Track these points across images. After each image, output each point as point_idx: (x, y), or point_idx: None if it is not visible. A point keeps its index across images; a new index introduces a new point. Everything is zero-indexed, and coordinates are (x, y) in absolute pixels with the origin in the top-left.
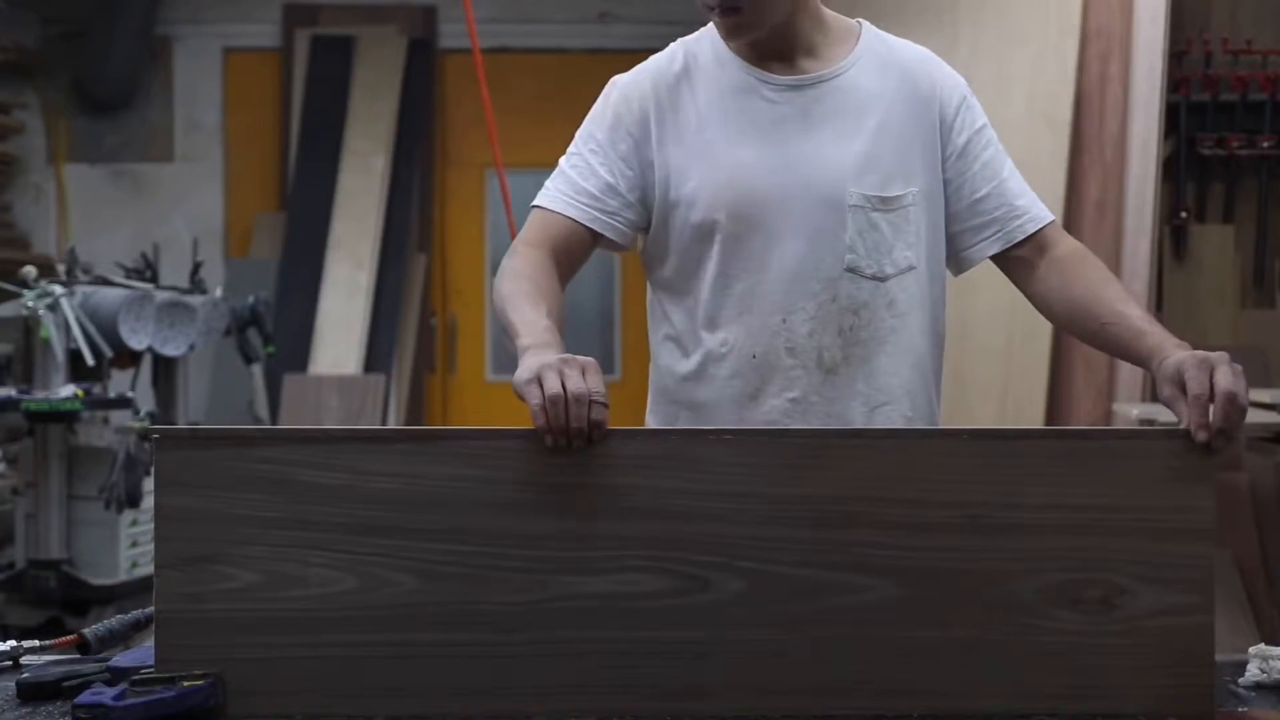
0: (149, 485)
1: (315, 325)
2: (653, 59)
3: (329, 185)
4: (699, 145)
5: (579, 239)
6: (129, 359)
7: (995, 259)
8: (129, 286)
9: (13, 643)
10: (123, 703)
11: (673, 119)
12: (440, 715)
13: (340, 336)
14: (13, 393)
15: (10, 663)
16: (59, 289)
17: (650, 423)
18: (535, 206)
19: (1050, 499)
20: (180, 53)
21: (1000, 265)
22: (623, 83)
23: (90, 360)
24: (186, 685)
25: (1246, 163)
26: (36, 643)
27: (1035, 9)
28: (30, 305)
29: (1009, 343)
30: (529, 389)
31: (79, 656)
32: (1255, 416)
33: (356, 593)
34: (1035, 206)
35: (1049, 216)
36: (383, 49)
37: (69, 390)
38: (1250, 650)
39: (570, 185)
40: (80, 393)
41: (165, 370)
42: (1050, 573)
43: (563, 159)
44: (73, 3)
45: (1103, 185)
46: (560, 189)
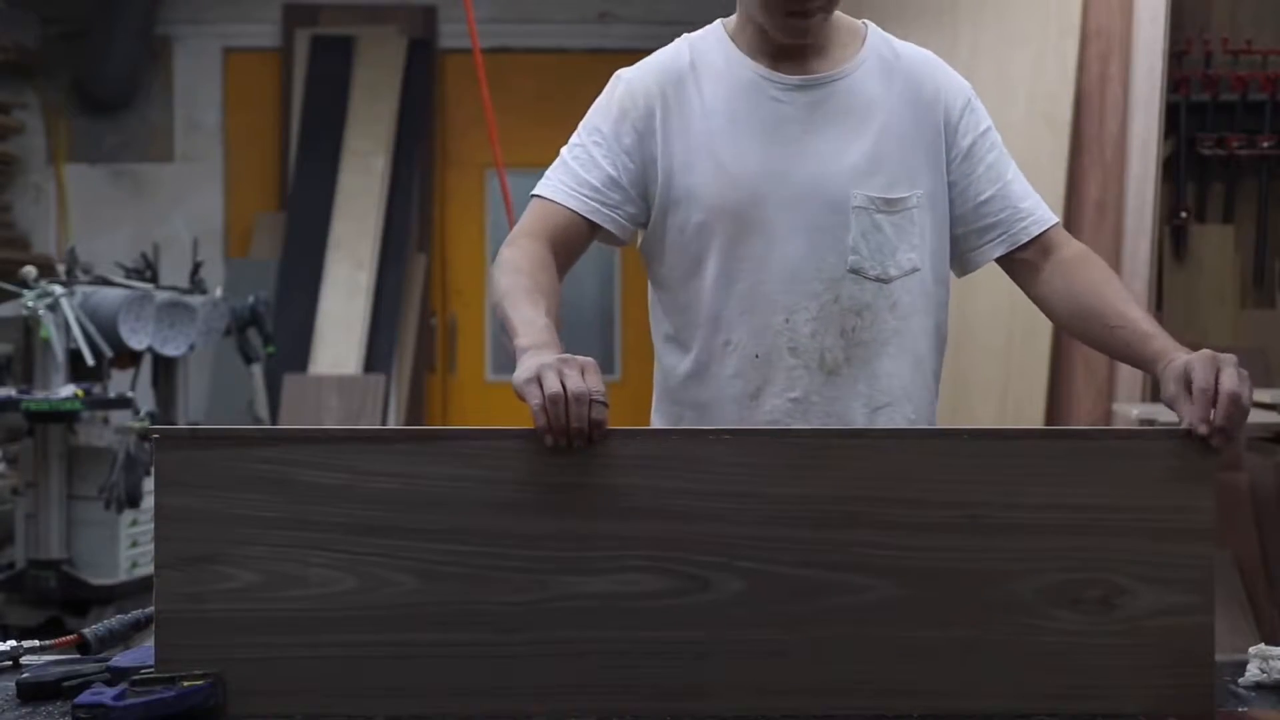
0: (149, 485)
1: (315, 325)
2: (658, 54)
3: (329, 185)
4: (703, 142)
5: (578, 231)
6: (129, 359)
7: (1000, 261)
8: (129, 286)
9: (13, 643)
10: (123, 703)
11: (678, 114)
12: (440, 715)
13: (340, 336)
14: (13, 393)
15: (10, 663)
16: (59, 289)
17: (655, 422)
18: (535, 196)
19: (1050, 499)
20: (180, 53)
21: (1004, 267)
22: (628, 76)
23: (90, 360)
24: (186, 685)
25: (1246, 163)
26: (36, 643)
27: (1035, 9)
28: (30, 305)
29: (1009, 343)
30: (529, 389)
31: (79, 656)
32: (1255, 416)
33: (356, 593)
34: (1040, 209)
35: (1053, 219)
36: (383, 49)
37: (69, 390)
38: (1250, 650)
39: (572, 176)
40: (80, 393)
41: (165, 370)
42: (1050, 573)
43: (564, 149)
44: (73, 3)
45: (1103, 185)
46: (562, 179)
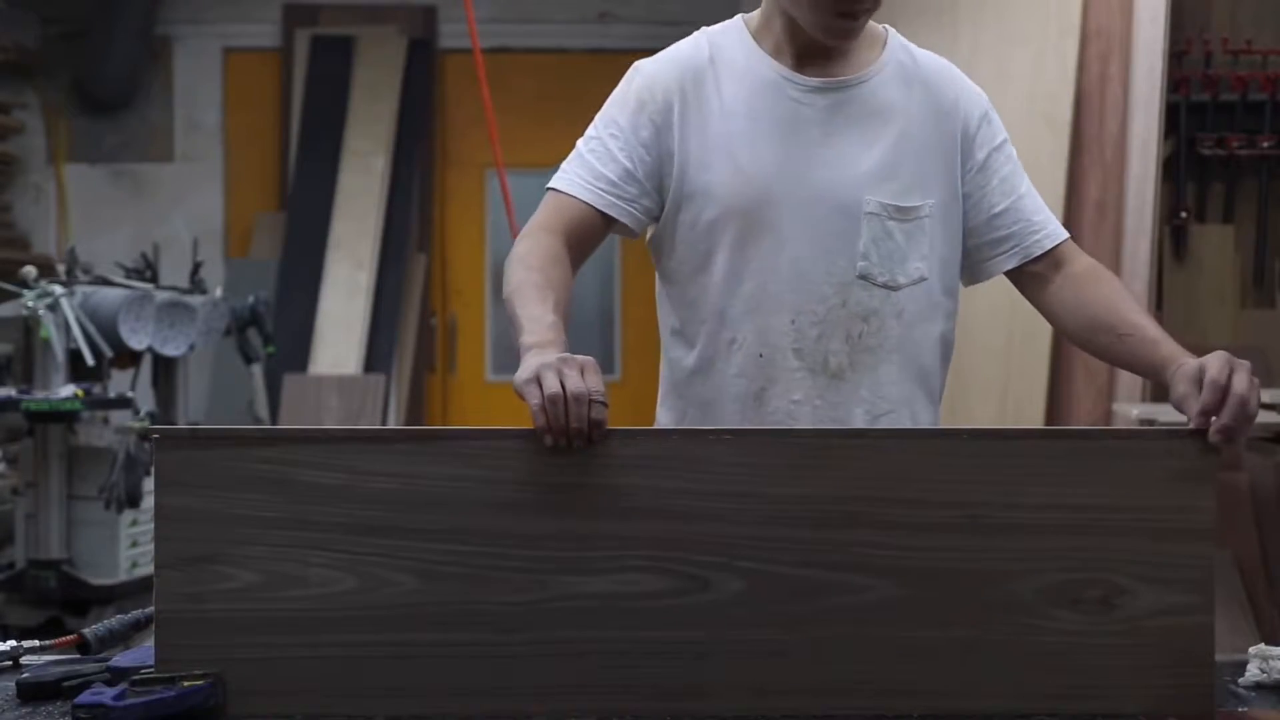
0: (149, 485)
1: (315, 325)
2: (677, 47)
3: (329, 185)
4: (720, 139)
5: (593, 224)
6: (129, 359)
7: (1009, 273)
8: (129, 286)
9: (13, 643)
10: (123, 703)
11: (696, 109)
12: (440, 715)
13: (340, 336)
14: (13, 393)
15: (10, 663)
16: (59, 289)
17: (661, 417)
18: (551, 189)
19: (1050, 499)
20: (180, 53)
21: (1014, 279)
22: (647, 69)
23: (90, 360)
24: (186, 685)
25: (1246, 163)
26: (36, 643)
27: (1035, 9)
28: (30, 305)
29: (1009, 343)
30: (528, 389)
31: (79, 656)
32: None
33: (356, 593)
34: (1052, 223)
35: (1065, 234)
36: (383, 49)
37: (69, 390)
38: (1250, 650)
39: (588, 170)
40: (80, 393)
41: (165, 370)
42: (1050, 573)
43: (580, 142)
44: (73, 3)
45: (1103, 185)
46: (578, 173)
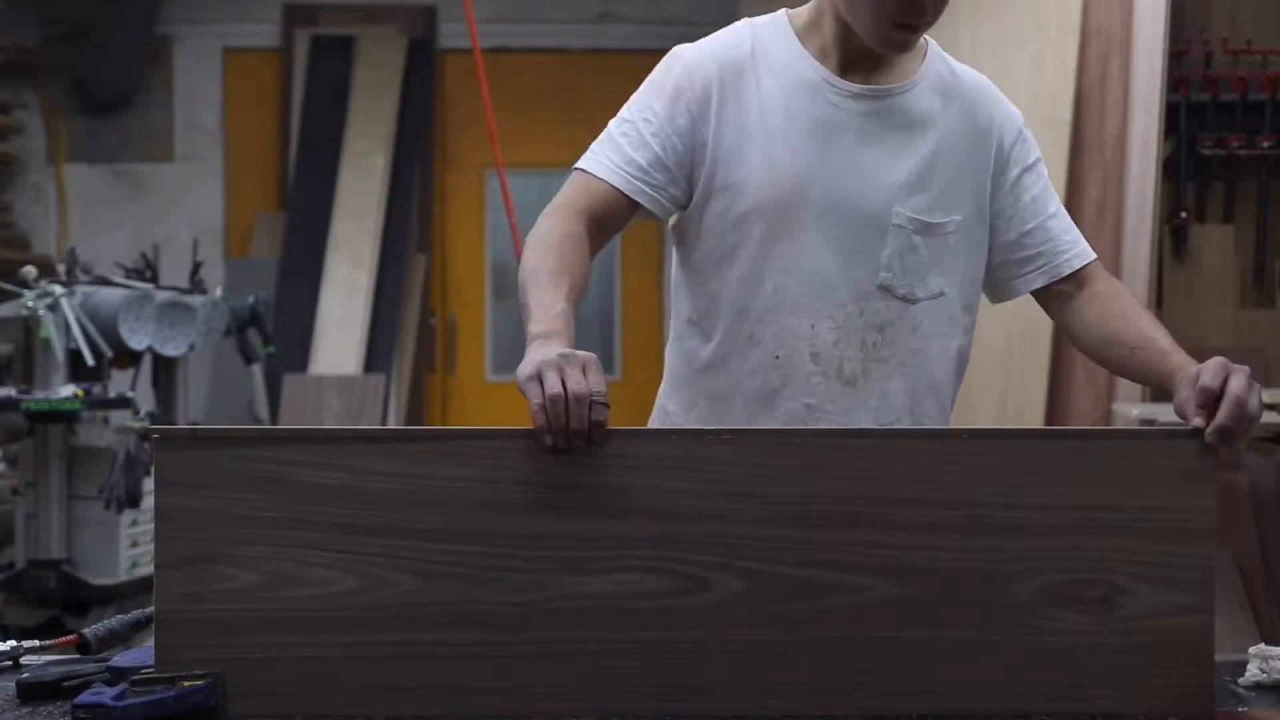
0: (149, 485)
1: (315, 325)
2: (718, 36)
3: (329, 185)
4: (755, 135)
5: (618, 208)
6: (129, 359)
7: (1035, 292)
8: (129, 286)
9: (13, 643)
10: (123, 703)
11: (734, 103)
12: (440, 715)
13: (340, 336)
14: (13, 393)
15: (10, 663)
16: (59, 289)
17: (667, 404)
18: (579, 169)
19: (1050, 499)
20: (180, 53)
21: (1038, 297)
22: (687, 57)
23: (90, 360)
24: (186, 685)
25: (1246, 163)
26: (36, 643)
27: (1035, 9)
28: (30, 305)
29: (1009, 343)
30: (529, 387)
31: (79, 656)
32: None
33: (356, 593)
34: (1080, 244)
35: (1092, 255)
36: (383, 49)
37: (69, 390)
38: (1250, 650)
39: (619, 153)
40: (80, 393)
41: (165, 370)
42: (1050, 573)
43: (612, 124)
44: (73, 3)
45: (1103, 185)
46: (609, 156)
